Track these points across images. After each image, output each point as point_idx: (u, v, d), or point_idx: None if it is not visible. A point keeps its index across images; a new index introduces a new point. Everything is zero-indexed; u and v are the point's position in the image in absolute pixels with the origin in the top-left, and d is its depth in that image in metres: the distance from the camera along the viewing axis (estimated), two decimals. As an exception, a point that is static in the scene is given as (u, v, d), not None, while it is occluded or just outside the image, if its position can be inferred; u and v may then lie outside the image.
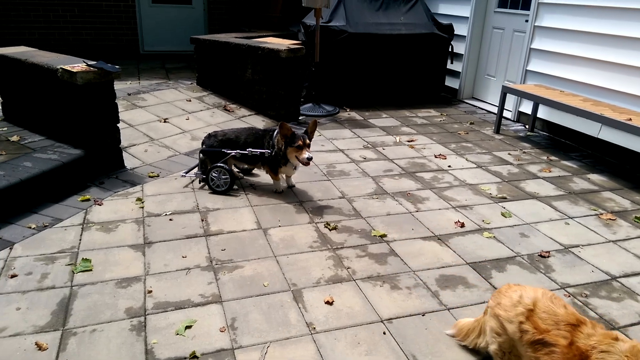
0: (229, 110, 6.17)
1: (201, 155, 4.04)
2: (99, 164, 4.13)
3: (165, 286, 2.74)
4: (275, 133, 3.81)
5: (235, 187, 4.00)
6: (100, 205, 3.64)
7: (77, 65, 3.93)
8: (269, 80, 5.90)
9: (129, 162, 4.42)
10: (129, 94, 6.07)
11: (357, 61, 6.66)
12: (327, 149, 5.08)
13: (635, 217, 3.80)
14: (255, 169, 4.25)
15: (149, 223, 3.42)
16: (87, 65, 3.96)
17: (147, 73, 7.73)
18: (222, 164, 3.85)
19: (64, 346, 2.27)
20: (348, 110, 6.65)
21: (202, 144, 4.08)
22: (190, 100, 6.33)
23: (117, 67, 4.09)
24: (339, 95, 6.80)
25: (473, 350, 2.34)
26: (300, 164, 3.71)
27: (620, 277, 3.01)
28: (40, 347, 2.25)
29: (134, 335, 2.36)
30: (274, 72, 5.80)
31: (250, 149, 3.85)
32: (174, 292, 2.69)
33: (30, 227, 3.26)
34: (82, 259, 2.93)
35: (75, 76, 3.80)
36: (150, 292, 2.68)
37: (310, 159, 3.59)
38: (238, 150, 3.89)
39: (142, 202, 3.71)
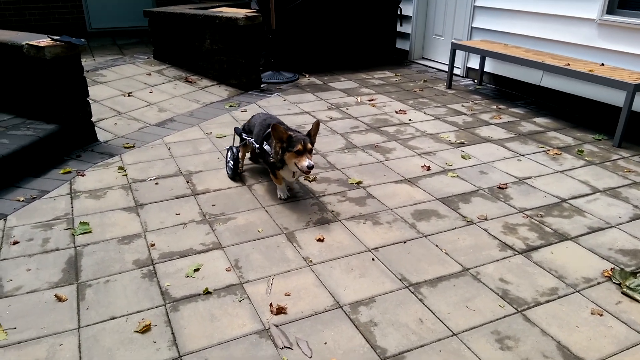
0: (190, 82, 6.23)
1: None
2: (74, 138, 4.18)
3: (166, 240, 2.92)
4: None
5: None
6: (83, 176, 3.72)
7: (43, 40, 3.93)
8: (228, 50, 5.99)
9: (101, 135, 4.48)
10: (87, 71, 6.00)
11: (312, 27, 6.83)
12: (293, 112, 5.28)
13: (578, 150, 4.27)
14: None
15: (136, 188, 3.56)
16: (53, 39, 3.96)
17: (99, 50, 7.60)
18: (234, 148, 3.66)
19: (82, 296, 2.43)
20: (307, 75, 6.84)
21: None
22: (150, 74, 6.33)
23: (82, 40, 4.11)
24: (297, 61, 6.97)
25: (452, 263, 2.68)
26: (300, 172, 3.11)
27: (569, 199, 3.44)
28: (60, 299, 2.40)
29: (147, 281, 2.55)
30: (233, 41, 5.89)
31: (252, 140, 3.47)
32: (176, 244, 2.88)
33: (19, 200, 3.33)
34: (80, 222, 3.06)
35: (42, 51, 3.81)
36: (153, 245, 2.86)
37: (311, 167, 2.95)
38: (249, 139, 3.52)
39: (125, 171, 3.82)
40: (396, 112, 5.28)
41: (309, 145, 3.02)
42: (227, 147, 3.78)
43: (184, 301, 2.41)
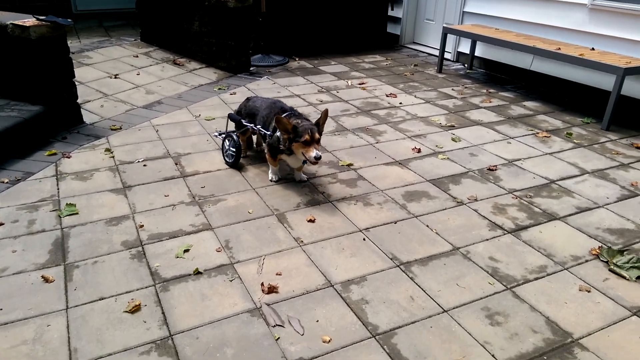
0: (178, 64, 6.14)
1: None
2: (59, 119, 4.11)
3: (155, 221, 2.89)
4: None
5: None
6: (69, 158, 3.66)
7: (28, 20, 3.84)
8: (218, 32, 5.91)
9: (87, 117, 4.41)
10: (73, 53, 5.86)
11: (303, 10, 6.75)
12: (283, 95, 5.23)
13: (567, 133, 4.29)
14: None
15: (124, 170, 3.51)
16: (38, 19, 3.87)
17: (85, 32, 7.45)
18: (234, 135, 3.51)
19: (69, 277, 2.40)
20: (297, 59, 6.78)
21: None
22: (137, 56, 6.23)
23: (69, 20, 4.02)
24: (287, 45, 6.90)
25: (443, 242, 2.69)
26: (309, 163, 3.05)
27: (557, 180, 3.46)
28: (47, 280, 2.37)
29: (135, 262, 2.52)
30: (222, 23, 5.80)
31: (259, 127, 3.34)
32: (165, 225, 2.85)
33: (3, 182, 3.27)
34: (66, 204, 3.01)
35: (27, 31, 3.72)
36: (142, 226, 2.83)
37: (318, 158, 2.88)
38: (253, 125, 3.41)
39: (112, 152, 3.77)
40: (387, 96, 5.26)
41: (317, 135, 2.93)
42: (220, 133, 3.70)
43: (174, 281, 2.39)
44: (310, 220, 2.91)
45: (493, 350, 2.01)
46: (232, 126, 3.71)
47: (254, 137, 3.85)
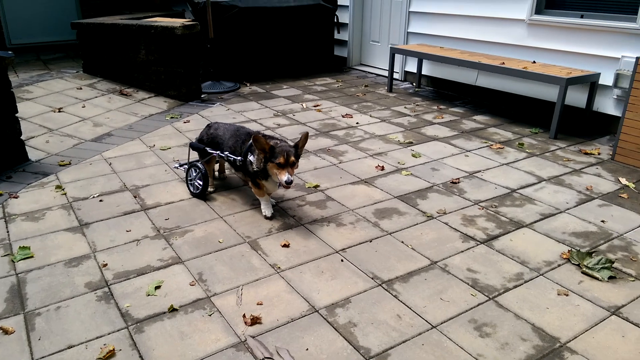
0: (126, 95, 5.95)
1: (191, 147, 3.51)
2: (2, 158, 3.84)
3: (119, 258, 2.72)
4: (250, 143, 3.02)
5: (211, 189, 3.48)
6: (16, 198, 3.42)
7: (-38, 52, 3.59)
8: (166, 60, 5.78)
9: (32, 154, 4.15)
10: (12, 87, 5.57)
11: (251, 35, 6.75)
12: (239, 120, 5.16)
13: (519, 144, 4.46)
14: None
15: (79, 207, 3.31)
16: (-26, 51, 3.63)
17: (22, 66, 7.10)
18: (199, 164, 3.33)
19: (31, 326, 2.20)
20: (248, 84, 6.74)
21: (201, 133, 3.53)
22: (81, 88, 5.99)
23: (9, 52, 3.80)
24: (237, 70, 6.86)
25: (420, 257, 2.69)
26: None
27: (518, 189, 3.57)
28: (6, 332, 2.16)
29: (103, 304, 2.35)
30: (170, 51, 5.69)
31: (227, 153, 3.21)
32: (131, 262, 2.69)
33: (-57, 228, 2.99)
34: (19, 247, 2.78)
35: (-37, 64, 3.48)
36: (105, 265, 2.65)
37: (289, 182, 2.76)
38: (219, 152, 3.26)
39: (63, 189, 3.55)
40: (343, 117, 5.30)
41: (292, 158, 2.81)
42: (182, 164, 3.56)
43: (148, 321, 2.24)
44: (285, 245, 2.83)
45: (487, 362, 2.00)
46: (194, 155, 3.59)
47: (216, 166, 3.73)
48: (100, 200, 3.39)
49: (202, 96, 6.12)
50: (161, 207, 3.31)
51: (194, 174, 3.39)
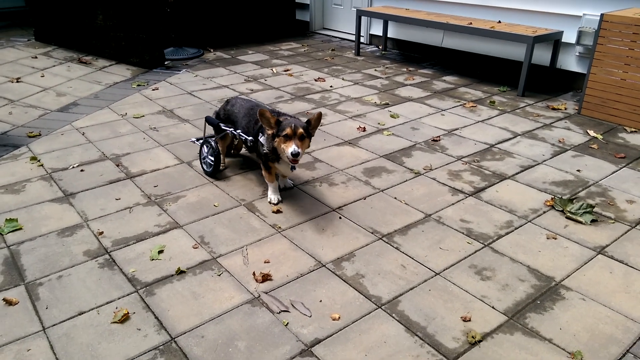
0: (85, 63, 5.68)
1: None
2: (-34, 130, 3.62)
3: (114, 226, 2.67)
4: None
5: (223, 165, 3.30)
6: (-11, 171, 3.25)
7: None
8: (126, 25, 5.53)
9: (-4, 126, 3.94)
10: (-41, 57, 5.20)
11: (210, 0, 6.54)
12: (210, 86, 5.05)
13: (490, 102, 4.61)
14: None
15: (60, 177, 3.19)
16: None
17: (-36, 35, 6.60)
18: (212, 141, 3.13)
19: (35, 296, 2.14)
20: (212, 50, 6.56)
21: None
22: (36, 57, 5.66)
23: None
24: (199, 36, 6.65)
25: (414, 211, 2.78)
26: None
27: (496, 144, 3.71)
28: (10, 303, 2.09)
29: (107, 271, 2.31)
30: (130, 15, 5.44)
31: (239, 132, 3.00)
32: (127, 229, 2.64)
33: None
34: (6, 219, 2.67)
35: None
36: (101, 233, 2.60)
37: (295, 154, 2.53)
38: (232, 130, 3.07)
39: (39, 161, 3.40)
40: (315, 80, 5.28)
41: (300, 130, 2.57)
42: (197, 139, 3.34)
43: (157, 284, 2.23)
44: (281, 207, 2.85)
45: (492, 302, 2.13)
46: (209, 130, 3.36)
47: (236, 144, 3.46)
48: (82, 170, 3.28)
49: (166, 63, 5.92)
50: (147, 174, 3.24)
51: (206, 151, 3.18)
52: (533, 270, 2.33)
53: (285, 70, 5.64)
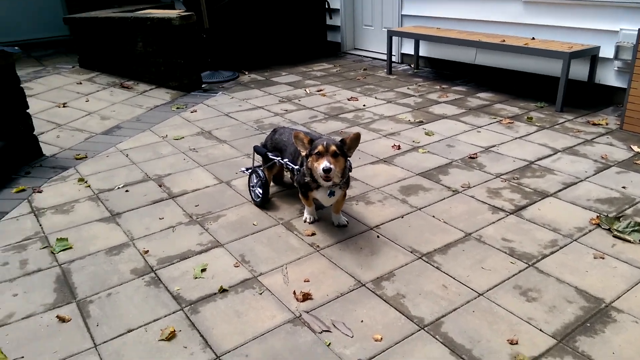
0: (127, 87, 5.90)
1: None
2: (18, 154, 3.81)
3: (158, 245, 2.74)
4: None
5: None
6: (40, 192, 3.40)
7: (-27, 48, 3.53)
8: (164, 51, 5.73)
9: (45, 149, 4.12)
10: (10, 84, 5.47)
11: (244, 24, 6.72)
12: (246, 108, 5.16)
13: (527, 118, 4.55)
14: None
15: (106, 198, 3.30)
16: (-17, 47, 3.57)
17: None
18: (259, 171, 3.08)
19: (86, 313, 2.22)
20: (247, 72, 6.72)
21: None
22: (81, 83, 5.92)
23: (16, 47, 3.76)
24: (233, 59, 6.83)
25: (454, 230, 2.76)
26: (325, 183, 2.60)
27: (535, 161, 3.66)
28: (63, 320, 2.17)
29: (153, 289, 2.38)
30: (168, 42, 5.64)
31: (286, 161, 2.94)
32: (171, 248, 2.71)
33: (-27, 225, 2.97)
34: (57, 239, 2.78)
35: (-25, 59, 3.43)
36: (146, 252, 2.67)
37: (327, 170, 2.43)
38: (279, 159, 3.00)
39: (86, 182, 3.54)
40: (348, 100, 5.33)
41: (333, 148, 2.48)
42: (247, 169, 3.28)
43: (202, 302, 2.27)
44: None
45: (539, 324, 2.08)
46: (258, 159, 3.36)
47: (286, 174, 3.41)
48: (127, 191, 3.39)
49: (203, 86, 6.09)
50: (188, 194, 3.32)
51: (255, 181, 3.14)
52: (581, 291, 2.27)
53: (318, 91, 5.72)
